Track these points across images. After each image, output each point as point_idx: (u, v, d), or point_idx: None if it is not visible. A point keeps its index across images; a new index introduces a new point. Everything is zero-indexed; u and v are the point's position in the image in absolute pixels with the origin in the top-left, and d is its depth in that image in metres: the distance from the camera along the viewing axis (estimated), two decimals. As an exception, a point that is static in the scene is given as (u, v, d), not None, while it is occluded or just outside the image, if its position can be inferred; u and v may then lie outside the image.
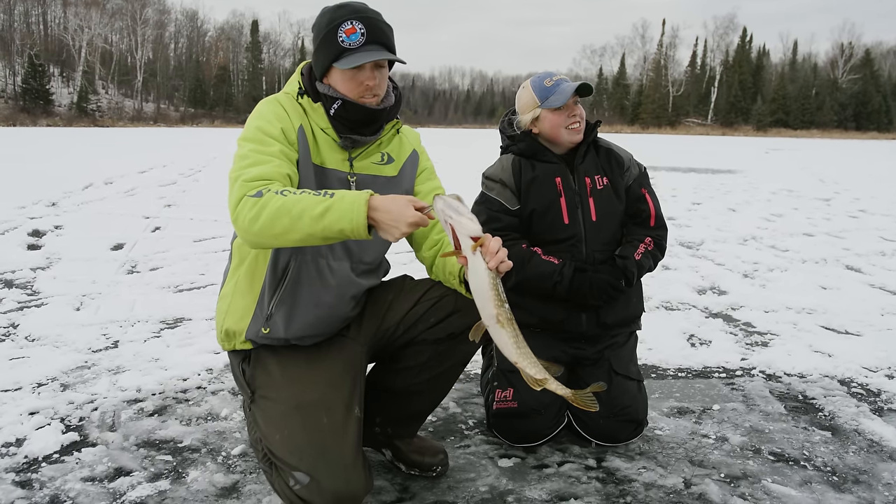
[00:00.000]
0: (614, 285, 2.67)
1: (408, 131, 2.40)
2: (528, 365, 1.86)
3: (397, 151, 2.31)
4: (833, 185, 15.14)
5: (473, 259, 1.81)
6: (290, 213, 1.83)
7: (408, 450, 2.47)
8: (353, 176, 2.19)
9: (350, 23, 2.07)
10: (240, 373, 2.27)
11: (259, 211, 1.86)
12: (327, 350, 2.23)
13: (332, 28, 2.09)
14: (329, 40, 2.09)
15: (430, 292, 2.30)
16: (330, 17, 2.11)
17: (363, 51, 2.07)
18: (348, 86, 2.11)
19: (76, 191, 10.98)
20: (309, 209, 1.82)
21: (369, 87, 2.11)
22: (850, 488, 2.40)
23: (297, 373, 2.16)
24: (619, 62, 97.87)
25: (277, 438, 2.05)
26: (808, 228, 8.63)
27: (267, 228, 1.85)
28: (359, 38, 2.07)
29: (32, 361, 3.43)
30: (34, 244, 6.62)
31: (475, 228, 1.80)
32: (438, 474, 2.45)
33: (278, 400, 2.11)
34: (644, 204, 2.81)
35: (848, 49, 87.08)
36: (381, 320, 2.32)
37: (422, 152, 2.41)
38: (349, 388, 2.16)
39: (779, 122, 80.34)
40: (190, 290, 4.96)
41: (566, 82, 2.73)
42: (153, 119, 72.17)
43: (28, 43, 70.66)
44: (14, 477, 2.36)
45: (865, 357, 3.71)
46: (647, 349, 3.76)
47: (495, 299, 1.81)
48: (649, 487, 2.40)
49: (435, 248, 2.29)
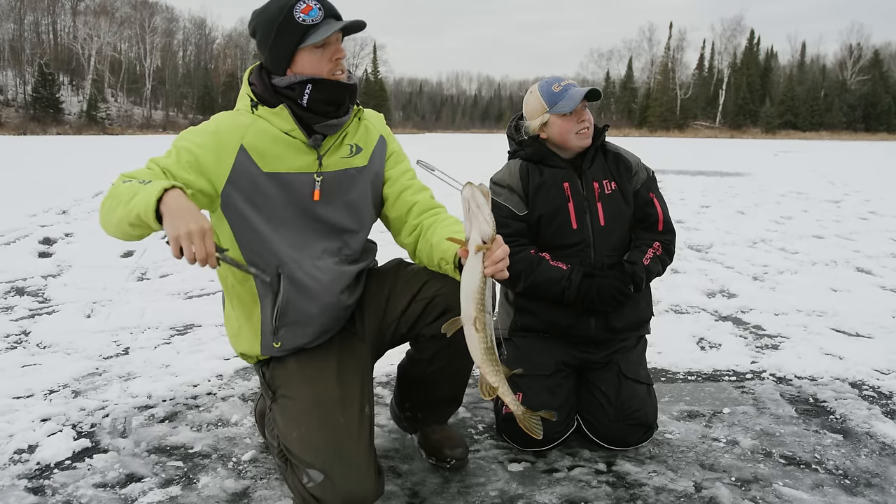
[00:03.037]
0: (622, 290, 2.67)
1: (371, 115, 2.38)
2: (489, 372, 1.89)
3: (364, 139, 2.29)
4: (843, 186, 15.06)
5: (473, 258, 1.83)
6: (114, 210, 1.89)
7: (433, 438, 2.53)
8: (320, 175, 2.17)
9: (303, 2, 2.04)
10: (261, 375, 2.33)
11: (103, 204, 1.95)
12: (341, 349, 2.27)
13: (287, 11, 2.05)
14: (287, 24, 2.06)
15: (423, 290, 2.28)
16: (280, 4, 2.07)
17: (326, 24, 2.06)
18: (319, 65, 2.10)
19: (86, 198, 11.04)
20: (125, 194, 1.87)
21: (339, 60, 2.11)
22: (862, 491, 2.39)
23: (315, 372, 2.20)
24: (627, 65, 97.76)
25: (295, 436, 2.09)
26: (818, 231, 8.59)
27: (105, 218, 1.96)
28: (318, 13, 2.05)
29: (44, 368, 3.45)
30: (45, 252, 6.67)
31: (488, 232, 1.82)
32: (453, 467, 2.49)
33: (297, 398, 2.16)
34: (652, 208, 2.81)
35: (856, 50, 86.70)
36: (384, 314, 2.33)
37: (388, 135, 2.40)
38: (361, 387, 2.20)
39: (787, 125, 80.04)
40: (200, 297, 4.98)
41: (574, 87, 2.73)
42: (162, 126, 72.44)
43: (38, 52, 71.17)
44: (27, 483, 2.38)
45: (877, 359, 3.69)
46: (657, 353, 3.75)
47: (478, 303, 1.84)
48: (660, 491, 2.39)
49: (415, 233, 2.29)
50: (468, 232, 1.85)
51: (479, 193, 1.82)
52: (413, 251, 2.33)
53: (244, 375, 3.43)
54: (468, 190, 1.83)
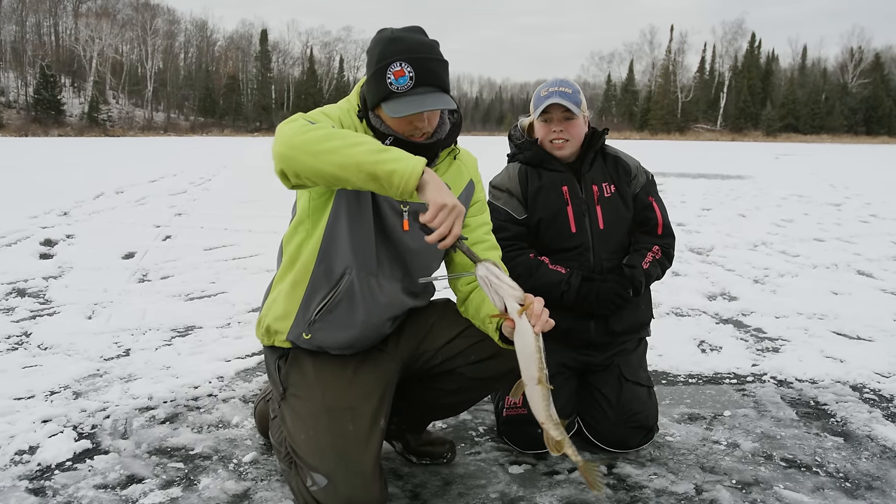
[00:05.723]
0: (621, 294, 2.67)
1: (466, 157, 2.37)
2: (552, 427, 1.94)
3: (455, 180, 2.29)
4: (844, 189, 15.06)
5: (521, 322, 1.89)
6: (345, 140, 1.82)
7: (417, 443, 2.58)
8: (406, 205, 2.16)
9: (399, 64, 2.00)
10: (275, 369, 2.31)
11: (310, 129, 1.86)
12: (363, 360, 2.26)
13: (381, 67, 2.02)
14: (378, 79, 2.03)
15: (472, 328, 2.29)
16: (380, 54, 2.04)
17: (411, 96, 2.01)
18: (398, 125, 2.09)
19: (87, 200, 11.06)
20: (368, 143, 1.83)
21: (419, 128, 2.10)
22: (862, 494, 2.39)
23: (331, 378, 2.19)
24: (628, 68, 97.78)
25: (303, 438, 2.10)
26: (819, 234, 8.59)
27: (311, 143, 1.83)
28: (407, 81, 2.00)
29: (45, 370, 3.46)
30: (46, 253, 6.67)
31: (519, 295, 1.89)
32: (449, 461, 2.56)
33: (309, 400, 2.16)
34: (651, 212, 2.81)
35: (857, 53, 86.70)
36: (420, 342, 2.33)
37: (477, 181, 2.40)
38: (378, 399, 2.19)
39: (788, 128, 79.99)
40: (201, 299, 4.99)
41: (554, 95, 2.68)
42: (163, 128, 72.59)
43: (40, 54, 71.26)
44: (27, 484, 2.38)
45: (877, 362, 3.69)
46: (658, 355, 3.75)
47: (539, 362, 1.89)
48: (660, 494, 2.39)
49: (472, 283, 2.27)
50: (499, 305, 1.91)
51: (492, 267, 1.90)
52: (464, 299, 2.32)
53: (245, 377, 3.43)
54: (482, 268, 1.90)
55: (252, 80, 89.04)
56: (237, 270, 5.94)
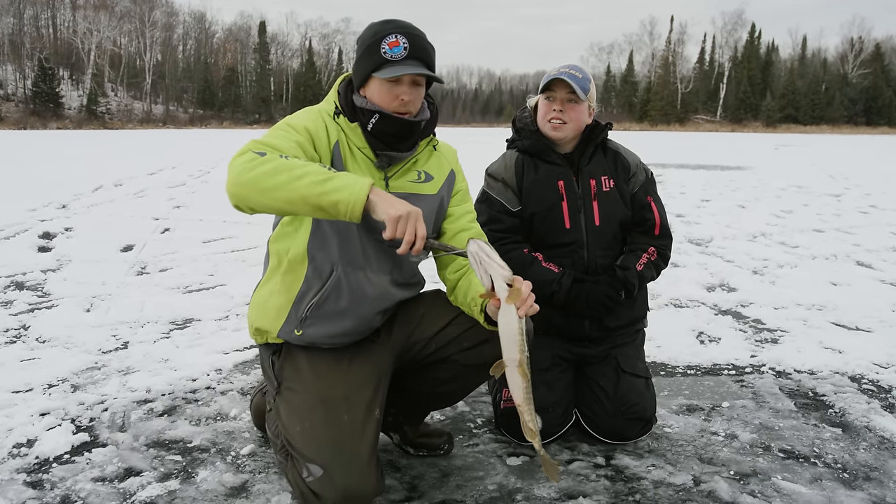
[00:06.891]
0: (612, 297, 2.65)
1: (445, 148, 2.41)
2: (527, 412, 1.95)
3: (436, 169, 2.33)
4: (843, 180, 15.05)
5: (505, 304, 1.88)
6: (291, 172, 1.85)
7: (415, 435, 2.60)
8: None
9: (394, 36, 2.10)
10: (269, 364, 2.32)
11: (257, 164, 1.88)
12: (356, 352, 2.27)
13: (377, 39, 2.12)
14: (372, 51, 2.12)
15: (463, 316, 2.30)
16: (375, 30, 2.14)
17: (404, 64, 2.10)
18: (384, 98, 2.13)
19: (86, 193, 11.04)
20: (313, 174, 1.85)
21: (404, 102, 2.13)
22: (860, 485, 2.39)
23: (325, 370, 2.20)
24: (628, 59, 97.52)
25: (298, 430, 2.11)
26: (818, 224, 8.59)
27: (257, 180, 1.86)
28: (401, 51, 2.10)
29: (43, 363, 3.46)
30: (44, 246, 6.66)
31: (508, 275, 1.89)
32: (446, 452, 2.58)
33: (303, 393, 2.17)
34: (650, 212, 2.79)
35: (858, 44, 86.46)
36: (412, 332, 2.34)
37: (458, 171, 2.42)
38: (372, 390, 2.20)
39: (788, 118, 79.82)
40: (199, 291, 4.98)
41: (563, 74, 2.66)
42: (162, 121, 72.40)
43: (38, 46, 71.06)
44: (25, 477, 2.38)
45: (876, 353, 3.69)
46: (656, 347, 3.75)
47: (520, 344, 1.89)
48: (658, 485, 2.39)
49: (460, 272, 2.30)
50: (486, 283, 1.90)
51: (484, 245, 1.90)
52: (453, 288, 2.34)
53: (243, 370, 3.43)
54: (473, 245, 1.90)
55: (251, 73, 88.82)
56: (236, 263, 5.94)
